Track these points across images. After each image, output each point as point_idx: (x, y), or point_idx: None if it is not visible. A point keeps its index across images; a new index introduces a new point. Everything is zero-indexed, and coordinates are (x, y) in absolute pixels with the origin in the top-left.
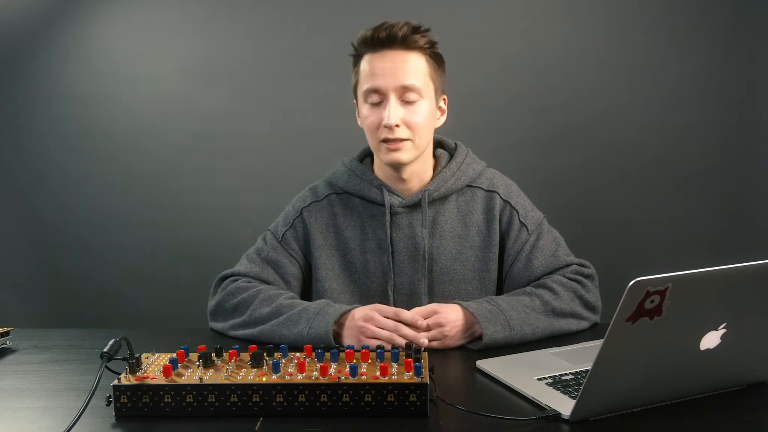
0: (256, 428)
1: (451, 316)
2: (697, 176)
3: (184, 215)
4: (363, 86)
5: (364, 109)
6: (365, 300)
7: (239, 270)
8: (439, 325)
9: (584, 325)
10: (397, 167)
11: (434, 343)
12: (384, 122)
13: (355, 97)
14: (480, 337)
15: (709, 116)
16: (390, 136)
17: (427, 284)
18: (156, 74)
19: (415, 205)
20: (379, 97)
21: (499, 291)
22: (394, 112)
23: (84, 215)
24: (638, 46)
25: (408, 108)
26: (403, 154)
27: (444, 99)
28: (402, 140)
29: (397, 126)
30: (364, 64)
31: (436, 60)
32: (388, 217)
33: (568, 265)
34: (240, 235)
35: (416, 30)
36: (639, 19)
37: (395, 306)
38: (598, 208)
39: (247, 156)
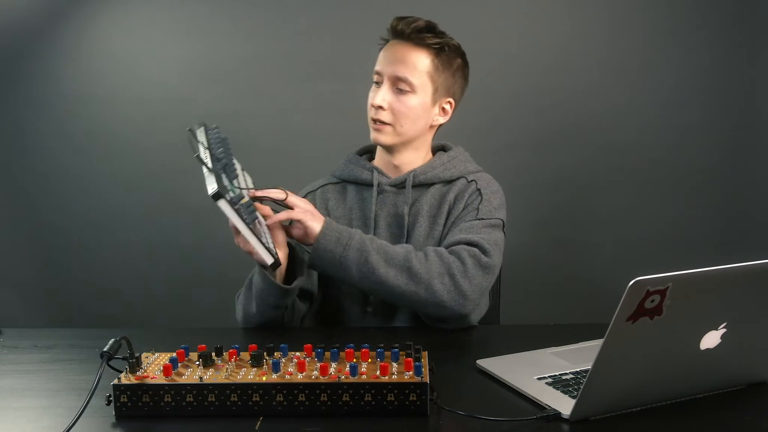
0: (256, 428)
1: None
2: (697, 176)
3: (185, 215)
4: (374, 68)
5: (371, 89)
6: None
7: None
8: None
9: (433, 302)
10: (388, 149)
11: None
12: (370, 101)
13: None
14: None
15: (709, 116)
16: (374, 117)
17: None
18: (156, 74)
19: (400, 186)
20: (379, 80)
21: None
22: (381, 95)
23: (84, 215)
24: (638, 46)
25: (398, 96)
26: (383, 136)
27: (450, 102)
28: (384, 123)
29: (380, 108)
30: (383, 49)
31: (443, 62)
32: (374, 192)
33: (472, 243)
34: None
35: (429, 29)
36: (639, 19)
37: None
38: (598, 207)
39: (246, 156)
